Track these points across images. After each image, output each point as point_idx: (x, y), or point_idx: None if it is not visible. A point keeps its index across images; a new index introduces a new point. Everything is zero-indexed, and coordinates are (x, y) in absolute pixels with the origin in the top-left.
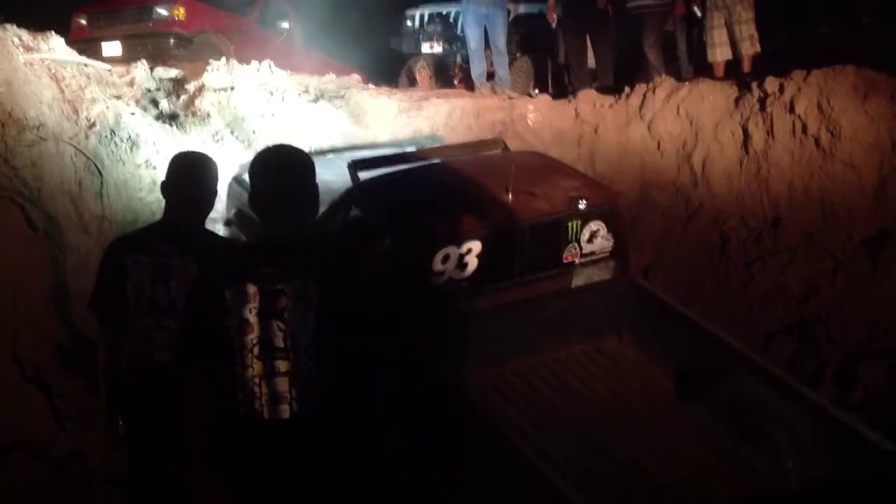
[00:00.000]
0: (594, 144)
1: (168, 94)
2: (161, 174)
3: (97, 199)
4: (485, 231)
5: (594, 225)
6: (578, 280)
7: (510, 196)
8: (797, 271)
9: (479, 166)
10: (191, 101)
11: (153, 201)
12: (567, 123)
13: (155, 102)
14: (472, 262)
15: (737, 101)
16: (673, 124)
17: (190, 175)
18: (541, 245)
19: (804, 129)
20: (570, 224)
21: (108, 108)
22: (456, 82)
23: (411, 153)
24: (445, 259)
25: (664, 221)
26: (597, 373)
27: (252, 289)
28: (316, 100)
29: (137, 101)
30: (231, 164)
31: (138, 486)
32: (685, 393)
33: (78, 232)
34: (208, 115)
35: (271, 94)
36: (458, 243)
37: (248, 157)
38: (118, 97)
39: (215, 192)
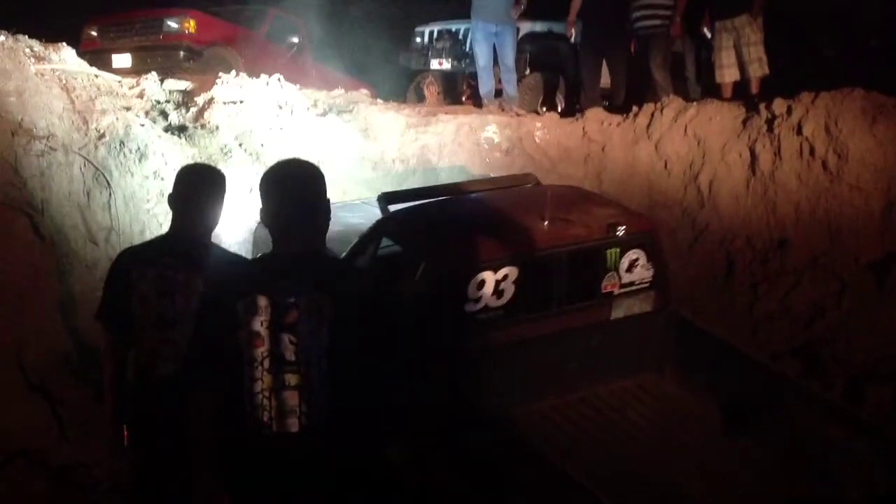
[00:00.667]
0: (601, 163)
1: (177, 107)
2: (169, 186)
3: (105, 210)
4: (521, 257)
5: (633, 254)
6: (618, 311)
7: (546, 223)
8: (803, 293)
9: (513, 197)
10: (200, 113)
11: (161, 213)
12: (574, 142)
13: (164, 114)
14: (509, 290)
15: (744, 122)
16: (680, 144)
17: (197, 187)
18: (579, 273)
19: (812, 152)
20: (608, 252)
21: (117, 119)
22: (464, 99)
23: (442, 187)
24: (481, 285)
25: (671, 242)
26: (641, 409)
27: (263, 301)
28: (324, 114)
29: (147, 113)
30: (239, 177)
31: (142, 498)
32: (734, 427)
33: (85, 242)
34: (217, 127)
35: (280, 107)
36: (495, 268)
37: (258, 170)
38: (128, 108)
39: (222, 205)
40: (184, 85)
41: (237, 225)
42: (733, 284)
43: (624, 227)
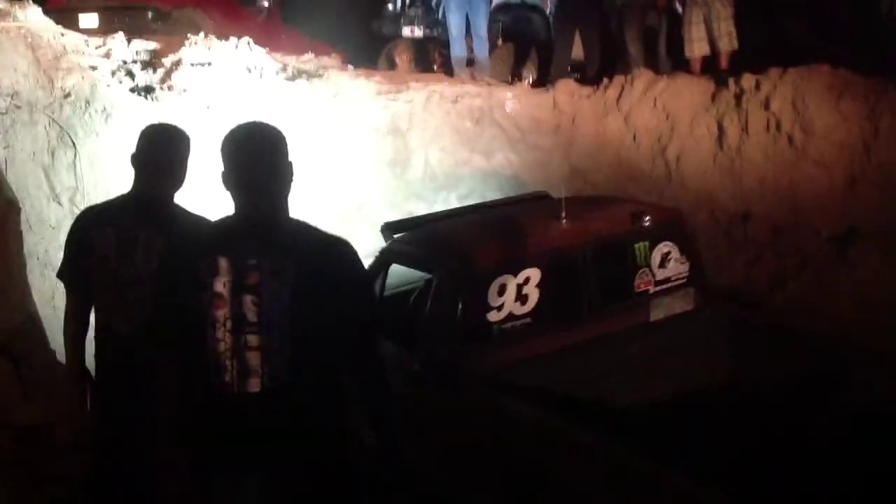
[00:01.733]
0: (571, 135)
1: (145, 68)
2: (135, 147)
3: (70, 171)
4: (541, 257)
5: (664, 247)
6: (657, 312)
7: (564, 220)
8: (765, 266)
9: (525, 207)
10: (168, 75)
11: (126, 174)
12: (545, 113)
13: (131, 75)
14: (533, 294)
15: (713, 96)
16: (649, 117)
17: (160, 147)
18: (608, 271)
19: (778, 127)
20: (636, 246)
21: (83, 78)
22: (435, 67)
23: (445, 212)
24: (502, 290)
25: None
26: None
27: (224, 263)
28: (294, 78)
29: (113, 73)
30: (207, 140)
31: (104, 456)
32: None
33: (49, 202)
34: (185, 89)
35: (249, 71)
36: (514, 272)
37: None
38: (94, 68)
39: (186, 166)
40: (152, 45)
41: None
42: None
43: (649, 216)
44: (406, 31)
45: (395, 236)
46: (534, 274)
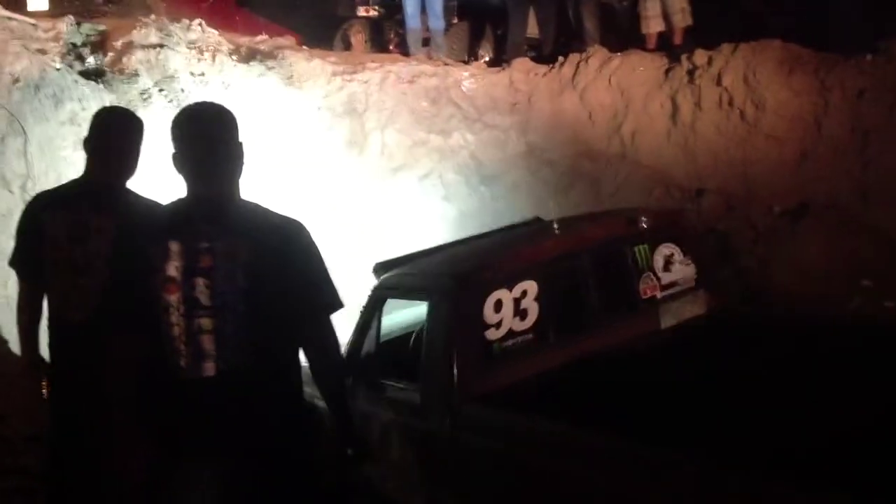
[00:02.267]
0: (528, 113)
1: (95, 51)
2: (86, 132)
3: (20, 157)
4: (536, 268)
5: (666, 249)
6: (668, 318)
7: (559, 230)
8: (718, 240)
9: (519, 229)
10: (118, 58)
11: (78, 160)
12: (501, 91)
13: (81, 58)
14: (533, 308)
15: (667, 72)
16: (604, 95)
17: (112, 131)
18: (609, 278)
19: (731, 102)
20: (636, 250)
21: (32, 63)
22: (391, 47)
23: (437, 247)
24: (498, 306)
25: (593, 192)
26: None
27: (176, 246)
28: (248, 60)
29: (63, 57)
30: (160, 124)
31: (62, 445)
32: None
33: (0, 190)
34: (136, 72)
35: (201, 52)
36: (509, 286)
37: None
38: (43, 52)
39: (139, 151)
40: (102, 28)
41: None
42: None
43: (645, 218)
44: (361, 11)
45: (388, 273)
46: (530, 287)
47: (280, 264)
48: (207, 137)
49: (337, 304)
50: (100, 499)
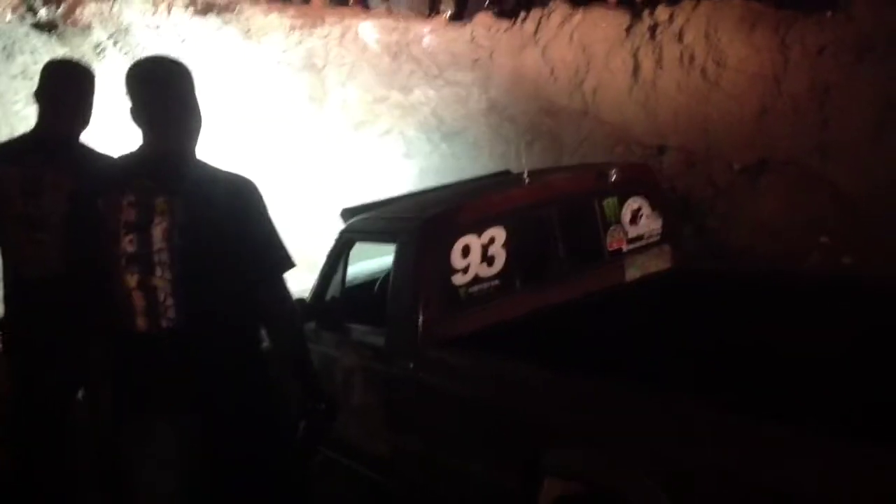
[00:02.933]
0: (489, 69)
1: (47, 3)
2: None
3: None
4: (505, 216)
5: (634, 202)
6: (633, 271)
7: (528, 180)
8: (679, 197)
9: (488, 180)
10: (71, 9)
11: (31, 114)
12: (462, 47)
13: (32, 10)
14: (500, 255)
15: (628, 29)
16: (566, 51)
17: (63, 83)
18: (577, 230)
19: (692, 59)
20: (605, 203)
21: None
22: (351, 1)
23: (404, 194)
24: (466, 251)
25: (555, 148)
26: None
27: (123, 200)
28: (204, 13)
29: (14, 9)
30: (115, 78)
31: (21, 401)
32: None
33: None
34: (90, 25)
35: (156, 5)
36: (478, 231)
37: None
38: None
39: (91, 103)
40: None
41: None
42: None
43: (614, 171)
44: None
45: (356, 217)
46: (498, 234)
47: (226, 224)
48: (163, 93)
49: (288, 264)
50: (63, 455)
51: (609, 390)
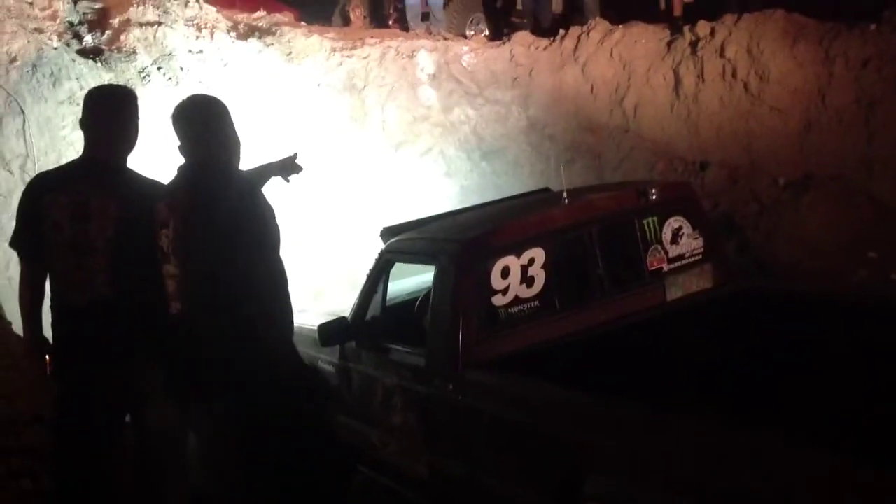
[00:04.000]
0: (528, 88)
1: (92, 29)
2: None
3: (19, 137)
4: (544, 237)
5: (675, 222)
6: (674, 291)
7: (567, 200)
8: (723, 213)
9: (528, 198)
10: (116, 36)
11: (77, 140)
12: (502, 66)
13: (79, 37)
14: (539, 276)
15: (669, 44)
16: (606, 68)
17: (107, 109)
18: (616, 250)
19: (734, 74)
20: (645, 222)
21: (29, 42)
22: (390, 22)
23: (444, 213)
24: (506, 273)
25: (595, 166)
26: None
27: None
28: (246, 36)
29: (60, 36)
30: (159, 102)
31: (64, 426)
32: None
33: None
34: (134, 50)
35: (199, 29)
36: (517, 252)
37: (178, 95)
38: (40, 31)
39: (136, 127)
40: (98, 6)
41: None
42: None
43: (655, 189)
44: None
45: (396, 237)
46: (538, 255)
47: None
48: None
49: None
50: (104, 479)
51: (652, 415)
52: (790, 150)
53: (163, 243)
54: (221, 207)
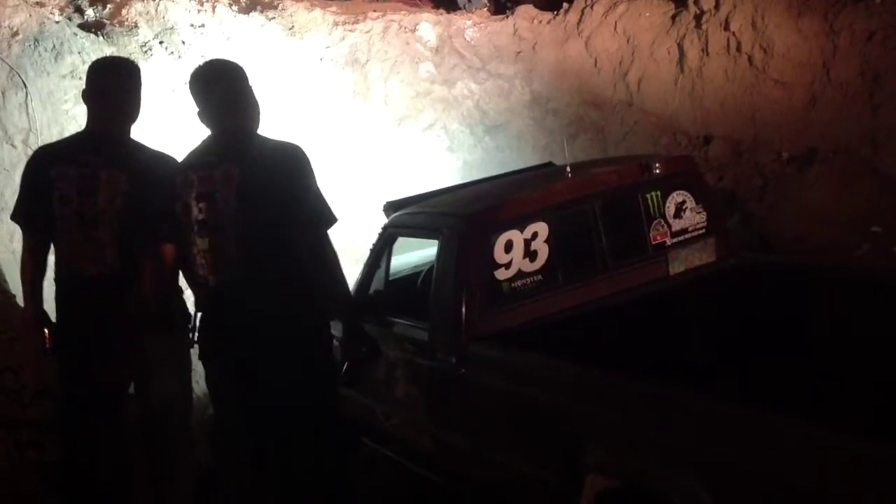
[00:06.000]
0: (532, 62)
1: (94, 3)
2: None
3: (22, 111)
4: (547, 210)
5: (678, 196)
6: (677, 265)
7: (570, 174)
8: (726, 188)
9: (530, 172)
10: (118, 10)
11: (80, 113)
12: (505, 40)
13: (80, 11)
14: (542, 250)
15: (673, 18)
16: (610, 42)
17: (109, 81)
18: (620, 224)
19: (738, 47)
20: (648, 196)
21: (30, 16)
22: None
23: (447, 188)
24: (509, 246)
25: (599, 140)
26: None
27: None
28: (248, 11)
29: (62, 10)
30: (161, 76)
31: (68, 398)
32: None
33: (2, 145)
34: (136, 24)
35: (201, 3)
36: (520, 227)
37: (180, 69)
38: (41, 5)
39: (139, 99)
40: None
41: None
42: None
43: (658, 164)
44: None
45: (399, 212)
46: (541, 228)
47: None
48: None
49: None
50: (109, 451)
51: (653, 388)
52: (794, 123)
53: (193, 215)
54: (274, 179)
